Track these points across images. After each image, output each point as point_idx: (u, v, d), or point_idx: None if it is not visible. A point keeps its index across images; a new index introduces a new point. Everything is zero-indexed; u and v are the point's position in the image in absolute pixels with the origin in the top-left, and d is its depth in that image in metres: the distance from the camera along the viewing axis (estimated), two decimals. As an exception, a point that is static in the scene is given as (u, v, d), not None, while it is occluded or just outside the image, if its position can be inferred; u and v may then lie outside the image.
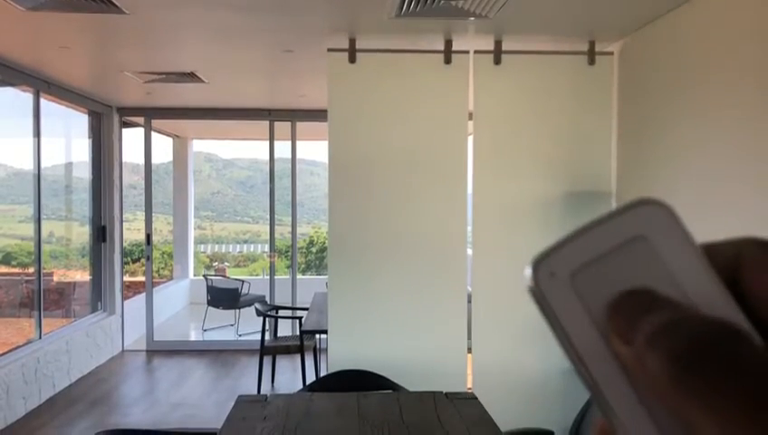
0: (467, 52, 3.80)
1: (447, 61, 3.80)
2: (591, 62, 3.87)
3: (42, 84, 5.45)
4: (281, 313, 6.30)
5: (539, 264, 0.31)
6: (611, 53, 3.89)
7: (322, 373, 5.05)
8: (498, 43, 3.83)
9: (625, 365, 0.29)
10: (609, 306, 0.30)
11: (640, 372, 0.28)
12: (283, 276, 7.93)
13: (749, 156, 2.70)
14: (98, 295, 6.97)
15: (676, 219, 0.31)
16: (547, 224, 3.90)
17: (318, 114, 6.27)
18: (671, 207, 0.32)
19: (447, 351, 3.87)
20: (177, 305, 10.09)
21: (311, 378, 5.28)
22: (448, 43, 3.81)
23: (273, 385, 5.89)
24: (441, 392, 2.76)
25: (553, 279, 0.31)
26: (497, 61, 3.83)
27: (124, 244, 7.51)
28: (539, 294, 0.31)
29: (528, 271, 0.31)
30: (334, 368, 3.51)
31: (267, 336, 5.73)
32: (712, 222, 2.92)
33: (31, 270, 5.71)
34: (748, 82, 2.71)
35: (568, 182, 3.91)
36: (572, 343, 0.30)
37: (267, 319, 5.71)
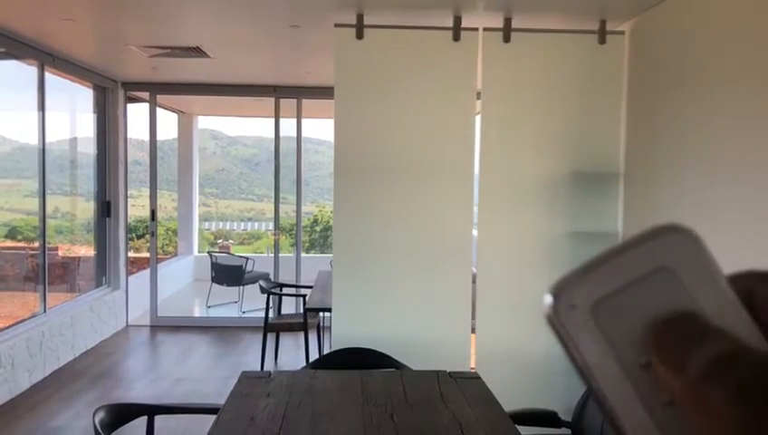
0: (476, 29, 3.75)
1: (456, 38, 3.74)
2: (602, 41, 3.81)
3: (46, 57, 5.41)
4: (285, 290, 6.30)
5: (559, 294, 0.30)
6: (622, 33, 3.83)
7: (326, 351, 5.06)
8: (508, 21, 3.77)
9: (672, 395, 0.28)
10: (654, 332, 0.29)
11: (692, 404, 0.27)
12: (287, 254, 7.93)
13: (759, 138, 2.66)
14: (102, 271, 6.98)
15: (702, 249, 0.30)
16: (554, 204, 3.87)
17: (324, 91, 6.22)
18: (698, 235, 0.30)
19: (451, 330, 3.86)
20: (181, 282, 10.12)
21: (314, 355, 5.29)
22: (457, 19, 3.75)
23: (276, 362, 5.91)
24: (445, 371, 2.75)
25: (574, 311, 0.30)
26: (507, 38, 3.77)
27: (129, 220, 7.51)
28: (558, 325, 0.30)
29: (548, 300, 0.30)
30: (337, 346, 3.51)
31: (271, 313, 5.74)
32: (719, 204, 2.89)
33: (36, 244, 5.71)
34: (761, 62, 2.66)
35: (576, 162, 3.87)
36: (595, 377, 0.30)
37: (271, 296, 5.71)
